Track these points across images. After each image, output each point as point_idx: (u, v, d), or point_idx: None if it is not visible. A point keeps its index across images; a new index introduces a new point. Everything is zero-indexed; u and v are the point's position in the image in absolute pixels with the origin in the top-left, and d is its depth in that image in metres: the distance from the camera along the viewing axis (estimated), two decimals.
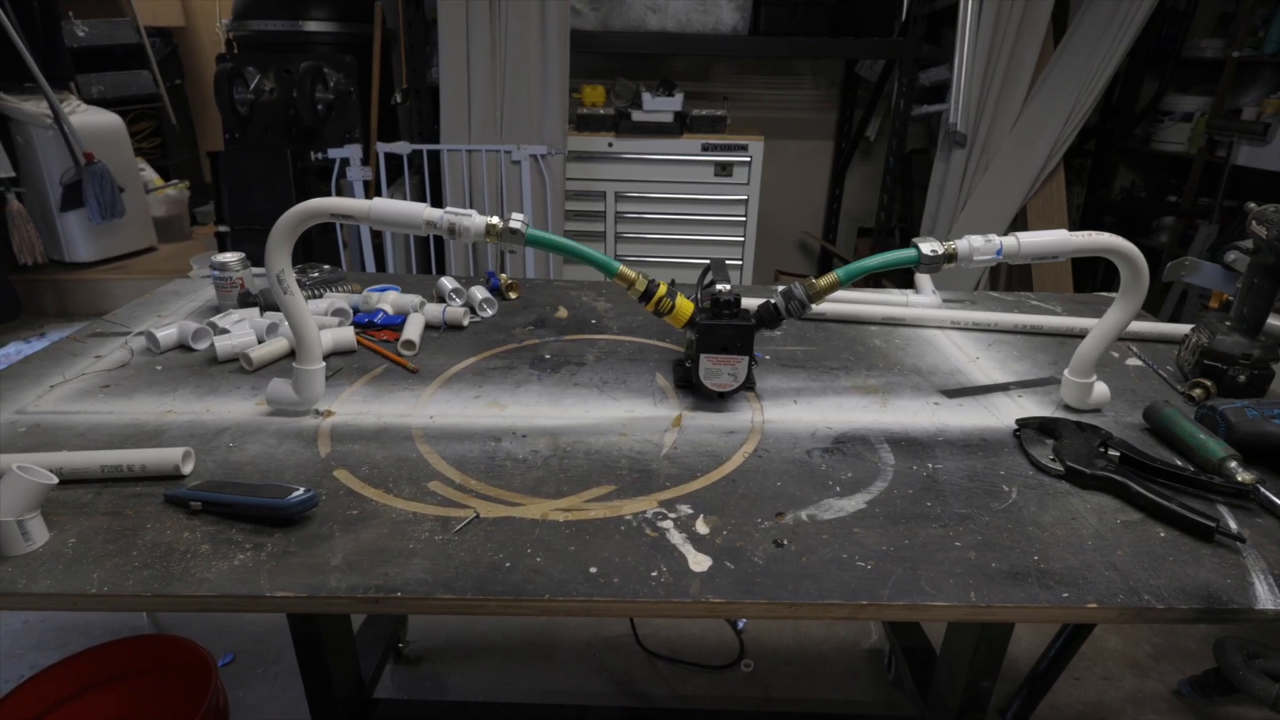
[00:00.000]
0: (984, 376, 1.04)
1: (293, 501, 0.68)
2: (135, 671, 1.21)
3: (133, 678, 1.21)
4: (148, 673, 1.22)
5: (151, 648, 1.23)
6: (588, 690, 1.63)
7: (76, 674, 1.18)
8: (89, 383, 0.95)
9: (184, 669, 1.20)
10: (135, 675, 1.21)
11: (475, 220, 0.82)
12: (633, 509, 0.73)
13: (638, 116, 2.84)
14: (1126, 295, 0.86)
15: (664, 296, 0.87)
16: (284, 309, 0.84)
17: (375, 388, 0.96)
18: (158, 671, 1.22)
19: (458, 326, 1.14)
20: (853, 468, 0.81)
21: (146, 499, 0.73)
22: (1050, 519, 0.73)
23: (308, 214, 0.80)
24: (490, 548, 0.68)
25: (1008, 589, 0.64)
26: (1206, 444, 0.81)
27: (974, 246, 0.82)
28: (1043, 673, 1.51)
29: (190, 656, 1.20)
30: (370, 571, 0.64)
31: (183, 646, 1.21)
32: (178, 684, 1.21)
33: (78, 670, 1.18)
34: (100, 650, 1.20)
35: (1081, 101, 2.74)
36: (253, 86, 2.68)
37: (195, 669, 1.19)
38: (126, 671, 1.21)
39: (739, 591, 0.63)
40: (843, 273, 0.84)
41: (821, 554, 0.68)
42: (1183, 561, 0.68)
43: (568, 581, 0.64)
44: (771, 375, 1.03)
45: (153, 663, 1.22)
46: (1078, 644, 1.48)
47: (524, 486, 0.77)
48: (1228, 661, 1.45)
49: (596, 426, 0.88)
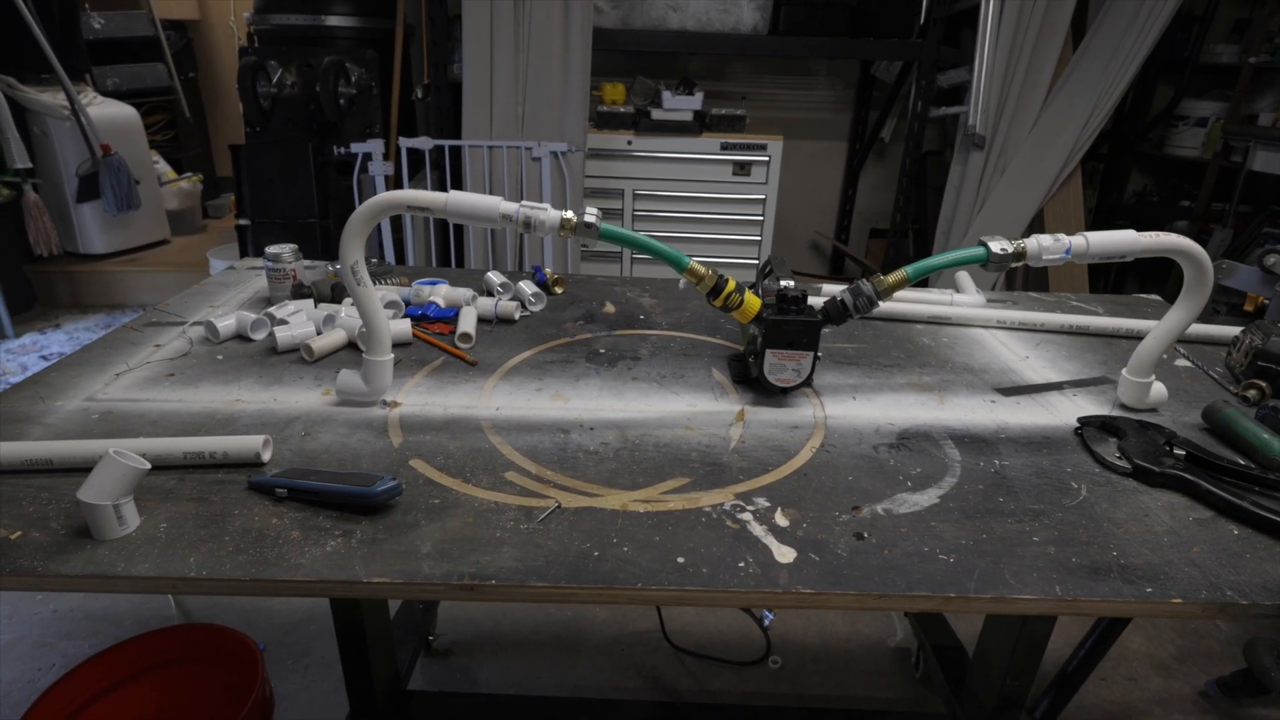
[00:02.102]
0: (1036, 375, 1.05)
1: (380, 490, 0.69)
2: (180, 661, 1.22)
3: (178, 667, 1.22)
4: (192, 662, 1.22)
5: (196, 637, 1.23)
6: (616, 685, 1.64)
7: (121, 663, 1.18)
8: (153, 371, 0.96)
9: (228, 659, 1.21)
10: (180, 664, 1.22)
11: (550, 214, 0.82)
12: (710, 501, 0.74)
13: (657, 115, 2.84)
14: (1190, 296, 0.87)
15: (733, 292, 0.87)
16: (356, 300, 0.85)
17: (437, 379, 0.97)
18: (203, 661, 1.22)
19: (509, 320, 1.15)
20: (920, 463, 0.82)
21: (229, 485, 0.73)
22: (1123, 515, 0.74)
23: (385, 206, 0.81)
24: (576, 537, 0.68)
25: (1090, 583, 0.65)
26: (1270, 443, 0.82)
27: (1043, 245, 0.83)
28: (1073, 672, 1.52)
29: (235, 646, 1.20)
30: (461, 559, 0.65)
31: (227, 636, 1.21)
32: (222, 674, 1.22)
33: (123, 659, 1.18)
34: (144, 639, 1.20)
35: (1100, 105, 2.76)
36: (275, 80, 2.68)
37: (240, 659, 1.19)
38: (171, 660, 1.21)
39: (827, 583, 0.64)
40: (911, 270, 0.85)
41: (903, 547, 0.69)
42: (1260, 559, 0.69)
43: (657, 571, 0.64)
44: (826, 372, 1.04)
45: (197, 652, 1.22)
46: (1109, 643, 1.49)
47: (599, 478, 0.77)
48: (1259, 663, 1.46)
49: (662, 420, 0.89)
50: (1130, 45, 2.69)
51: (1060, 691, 1.54)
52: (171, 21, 4.12)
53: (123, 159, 3.27)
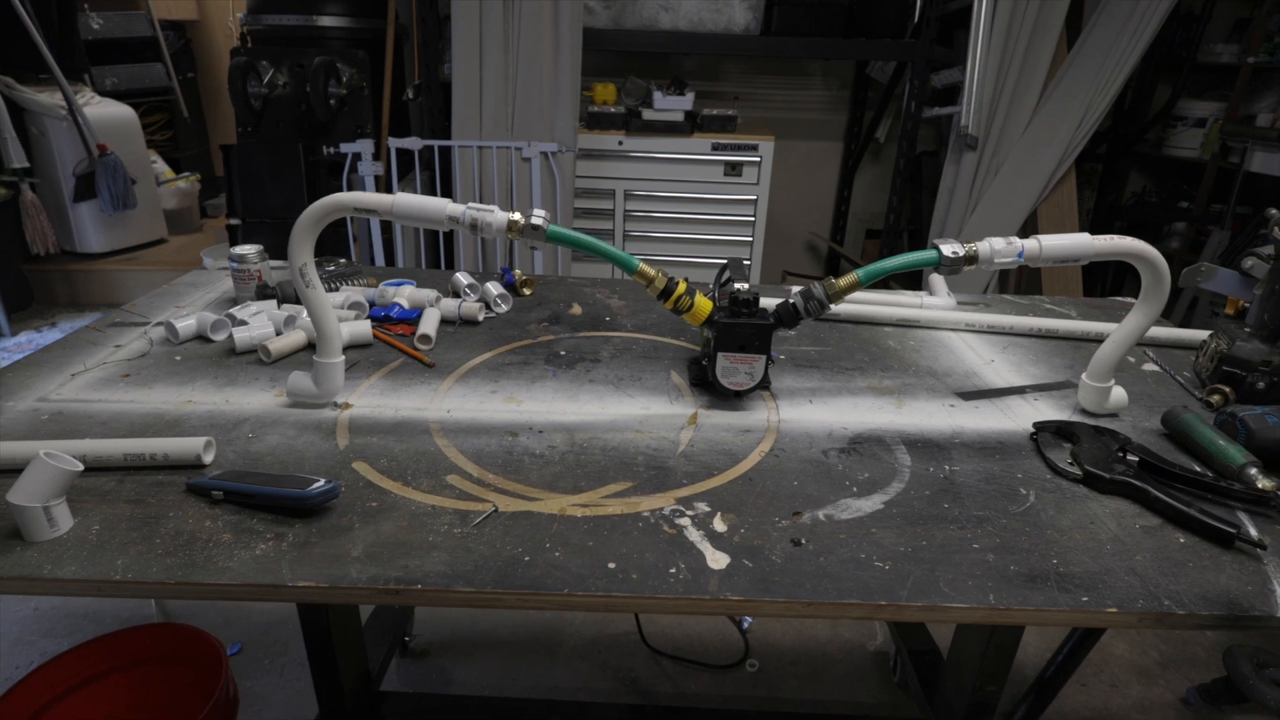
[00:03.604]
0: (999, 379, 1.04)
1: (314, 492, 0.69)
2: (146, 660, 1.22)
3: (143, 666, 1.22)
4: (158, 661, 1.22)
5: (163, 637, 1.23)
6: (592, 687, 1.63)
7: (88, 661, 1.19)
8: (109, 372, 0.96)
9: (194, 658, 1.21)
10: (146, 664, 1.22)
11: (497, 216, 0.82)
12: (650, 506, 0.74)
13: (648, 115, 2.84)
14: (1147, 300, 0.86)
15: (683, 294, 0.87)
16: (305, 302, 0.84)
17: (392, 381, 0.97)
18: (168, 660, 1.23)
19: (473, 321, 1.15)
20: (869, 468, 0.81)
21: (168, 487, 0.73)
22: (1068, 523, 0.73)
23: (332, 208, 0.80)
24: (509, 542, 0.68)
25: (1026, 592, 0.64)
26: (1226, 450, 0.81)
27: (995, 249, 0.82)
28: (1050, 678, 1.50)
29: (201, 646, 1.20)
30: (390, 563, 0.64)
31: (193, 636, 1.22)
32: (188, 673, 1.22)
33: (89, 658, 1.19)
34: (111, 639, 1.21)
35: (1094, 106, 2.73)
36: (266, 80, 2.69)
37: (205, 659, 1.20)
38: (137, 660, 1.22)
39: (757, 590, 0.63)
40: (863, 273, 0.84)
41: (839, 554, 0.68)
42: (1203, 568, 0.68)
43: (586, 577, 0.64)
44: (786, 375, 1.03)
45: (164, 651, 1.23)
46: (1086, 649, 1.48)
47: (541, 481, 0.77)
48: (1238, 670, 1.44)
49: (613, 423, 0.88)
50: (1125, 45, 2.66)
51: (1038, 697, 1.53)
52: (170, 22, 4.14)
53: (118, 159, 3.29)
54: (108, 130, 3.32)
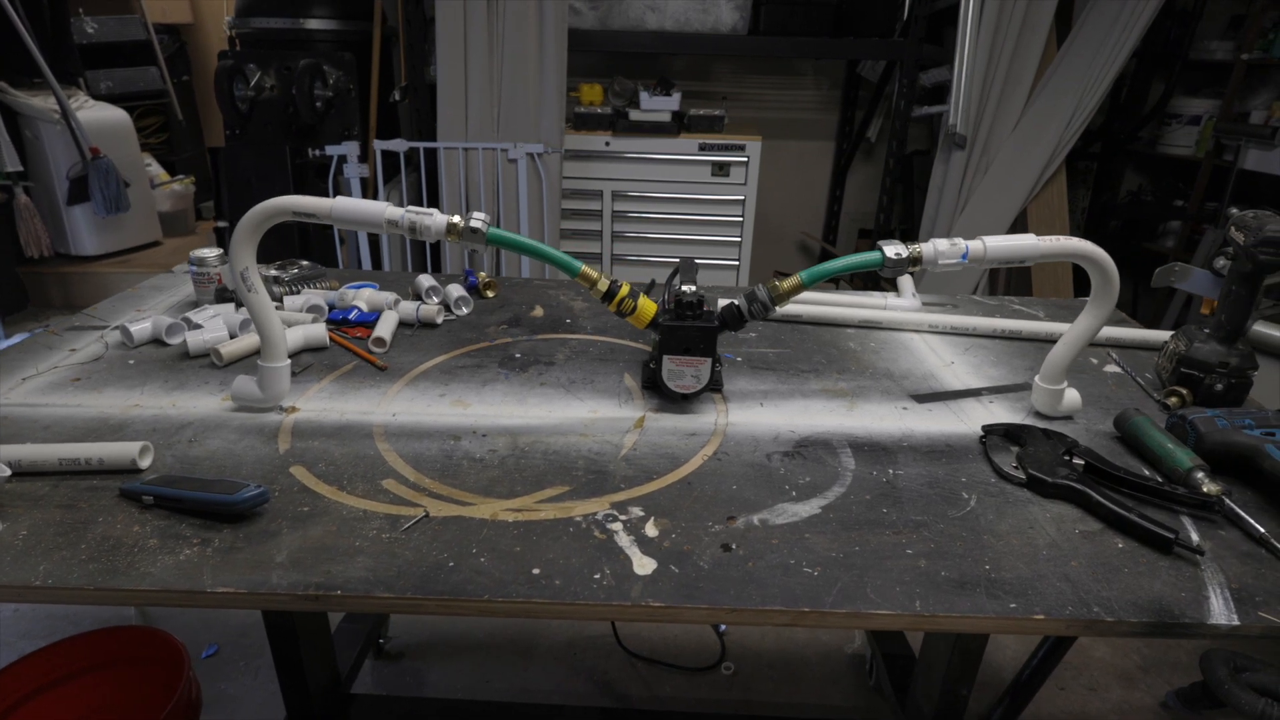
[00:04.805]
0: (957, 381, 1.03)
1: (242, 498, 0.68)
2: (112, 662, 1.22)
3: (109, 669, 1.22)
4: (123, 664, 1.23)
5: (128, 639, 1.23)
6: (566, 690, 1.63)
7: (54, 664, 1.19)
8: (60, 376, 0.96)
9: (159, 660, 1.21)
10: (112, 666, 1.22)
11: (436, 219, 0.81)
12: (584, 510, 0.73)
13: (635, 116, 2.83)
14: (1097, 301, 0.85)
15: (626, 297, 0.86)
16: (248, 306, 0.84)
17: (342, 384, 0.97)
18: (134, 662, 1.23)
19: (431, 324, 1.15)
20: (812, 472, 0.80)
21: (102, 493, 0.73)
22: (1007, 528, 0.72)
23: (270, 212, 0.80)
24: (436, 547, 0.67)
25: (953, 598, 0.63)
26: (1174, 453, 0.79)
27: (939, 250, 0.81)
28: (1025, 682, 1.48)
29: (164, 648, 1.21)
30: (313, 569, 0.64)
31: (157, 638, 1.22)
32: (155, 675, 1.22)
33: (55, 660, 1.19)
34: (77, 640, 1.21)
35: (1084, 104, 2.71)
36: (253, 83, 2.70)
37: (169, 660, 1.20)
38: (103, 662, 1.22)
39: (680, 596, 0.63)
40: (806, 275, 0.84)
41: (769, 559, 0.67)
42: (1138, 573, 0.66)
43: (509, 582, 0.63)
44: (741, 377, 1.02)
45: (129, 653, 1.23)
46: (1061, 653, 1.46)
47: (477, 486, 0.76)
48: (1214, 675, 1.43)
49: (558, 427, 0.88)
50: (1114, 43, 2.64)
51: (1013, 701, 1.51)
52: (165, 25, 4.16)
53: (111, 162, 3.31)
54: (101, 133, 3.34)
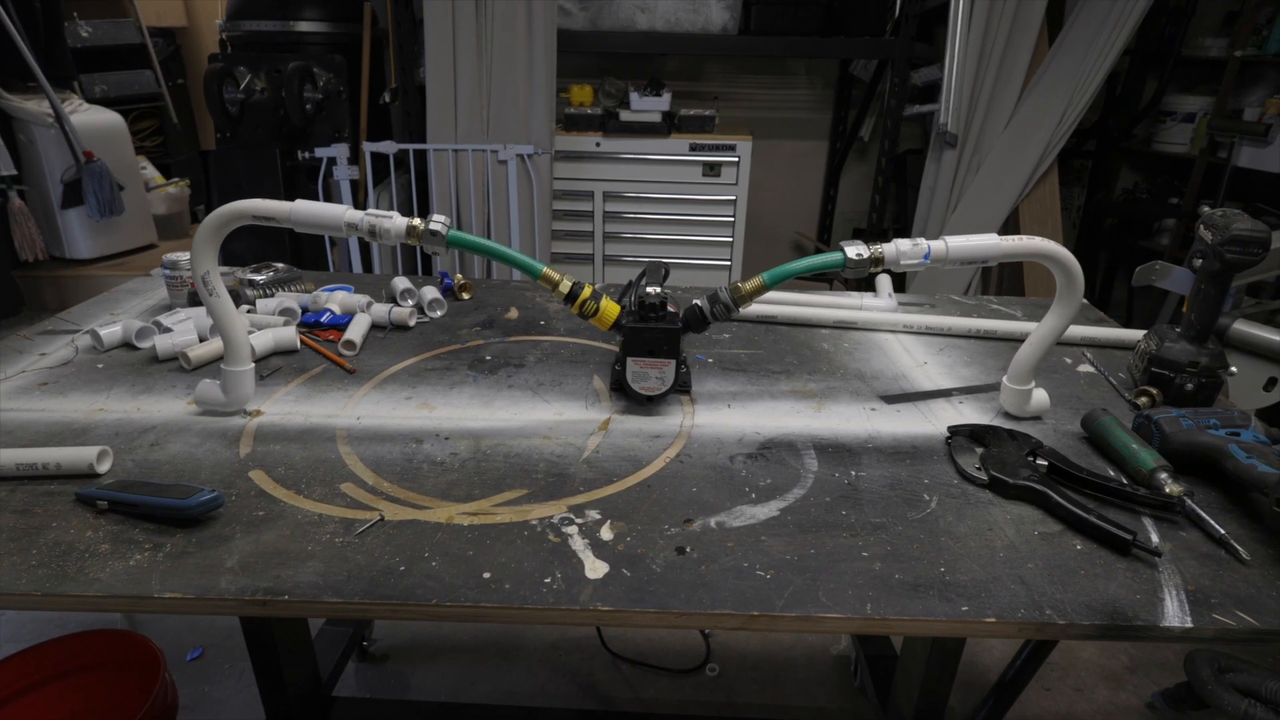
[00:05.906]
0: (929, 382, 1.02)
1: (194, 502, 0.68)
2: (88, 666, 1.23)
3: (86, 673, 1.23)
4: (101, 667, 1.23)
5: (105, 642, 1.24)
6: (550, 691, 1.63)
7: (30, 669, 1.19)
8: (28, 380, 0.96)
9: (136, 664, 1.21)
10: (88, 670, 1.23)
11: (396, 222, 0.81)
12: (540, 513, 0.73)
13: (625, 116, 2.83)
14: (1062, 301, 0.84)
15: (589, 299, 0.86)
16: (210, 310, 0.84)
17: (309, 388, 0.96)
18: (111, 666, 1.23)
19: (404, 327, 1.14)
20: (773, 474, 0.80)
21: (59, 497, 0.73)
22: (966, 530, 0.72)
23: (229, 217, 0.80)
24: (388, 551, 0.67)
25: (905, 601, 0.63)
26: (1138, 454, 0.79)
27: (901, 250, 0.81)
28: (1009, 682, 1.48)
29: (141, 652, 1.21)
30: (262, 574, 0.64)
31: (135, 642, 1.22)
32: (131, 678, 1.22)
33: (31, 665, 1.19)
34: (53, 645, 1.21)
35: (1075, 102, 2.70)
36: (243, 86, 2.70)
37: (146, 664, 1.20)
38: (80, 667, 1.22)
39: (629, 600, 0.62)
40: (768, 276, 0.83)
41: (723, 562, 0.67)
42: (1095, 575, 0.66)
43: (459, 586, 0.63)
44: (711, 378, 1.02)
45: (106, 657, 1.23)
46: (1044, 654, 1.45)
47: (435, 490, 0.76)
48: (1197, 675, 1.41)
49: (522, 429, 0.87)
50: (1105, 40, 2.62)
51: (997, 702, 1.51)
52: (159, 29, 4.17)
53: (105, 165, 3.32)
54: (95, 137, 3.35)
